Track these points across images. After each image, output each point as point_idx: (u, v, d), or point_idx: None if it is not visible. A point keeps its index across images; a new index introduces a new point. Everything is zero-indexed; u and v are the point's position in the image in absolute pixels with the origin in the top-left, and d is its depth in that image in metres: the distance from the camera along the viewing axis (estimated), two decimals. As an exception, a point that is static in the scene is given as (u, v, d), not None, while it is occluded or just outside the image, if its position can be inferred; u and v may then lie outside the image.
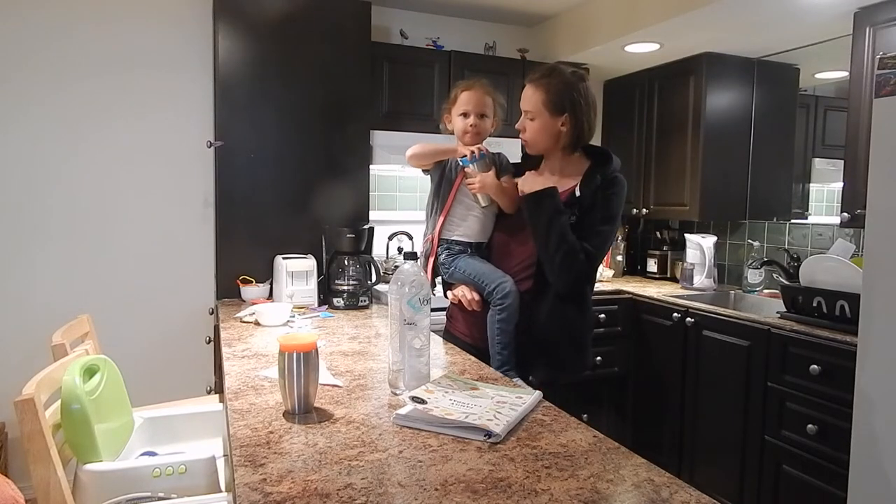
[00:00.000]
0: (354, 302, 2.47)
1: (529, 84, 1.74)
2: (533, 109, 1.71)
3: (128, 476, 1.37)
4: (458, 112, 1.86)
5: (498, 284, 1.72)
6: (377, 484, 0.92)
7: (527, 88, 1.74)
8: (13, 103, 2.58)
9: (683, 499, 0.89)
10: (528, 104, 1.73)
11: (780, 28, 2.73)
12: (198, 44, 2.82)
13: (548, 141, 1.73)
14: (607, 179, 1.69)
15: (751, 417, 2.45)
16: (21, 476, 2.39)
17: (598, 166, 1.72)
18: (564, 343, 1.72)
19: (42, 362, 1.54)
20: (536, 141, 1.75)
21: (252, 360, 1.66)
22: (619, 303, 3.10)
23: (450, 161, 1.86)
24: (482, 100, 1.84)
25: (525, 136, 1.76)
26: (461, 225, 1.85)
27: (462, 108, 1.85)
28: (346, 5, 2.74)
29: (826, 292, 2.24)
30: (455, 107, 1.87)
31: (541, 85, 1.71)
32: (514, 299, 1.71)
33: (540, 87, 1.70)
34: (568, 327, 1.72)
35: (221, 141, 2.59)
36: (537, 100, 1.70)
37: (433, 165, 1.89)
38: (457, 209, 1.85)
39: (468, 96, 1.84)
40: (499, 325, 1.71)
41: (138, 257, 2.81)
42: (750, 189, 3.24)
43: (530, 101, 1.72)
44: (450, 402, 1.23)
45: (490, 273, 1.76)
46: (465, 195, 1.84)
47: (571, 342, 1.74)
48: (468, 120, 1.84)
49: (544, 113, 1.70)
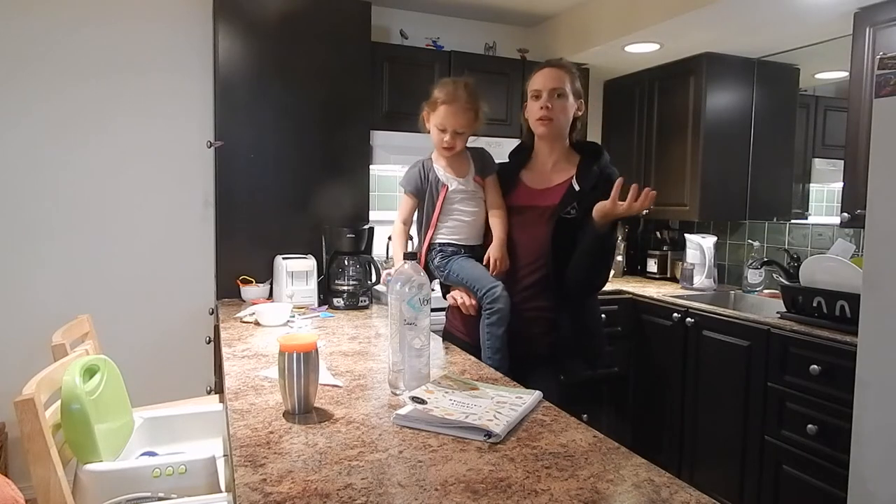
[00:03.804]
0: (354, 302, 2.47)
1: (552, 67, 1.72)
2: (563, 86, 1.70)
3: (128, 476, 1.37)
4: (435, 122, 1.76)
5: (488, 289, 1.71)
6: (377, 484, 0.92)
7: (550, 70, 1.71)
8: (13, 103, 2.58)
9: (683, 499, 0.89)
10: (558, 81, 1.70)
11: (780, 28, 2.73)
12: (198, 44, 2.82)
13: (566, 123, 1.73)
14: (606, 173, 1.69)
15: (751, 417, 2.45)
16: (21, 476, 2.39)
17: (590, 159, 1.72)
18: (598, 333, 1.78)
19: (42, 362, 1.54)
20: (562, 119, 1.72)
21: (252, 360, 1.66)
22: (620, 303, 3.10)
23: (429, 179, 1.81)
24: (460, 118, 1.74)
25: (551, 113, 1.70)
26: (451, 229, 1.83)
27: (439, 123, 1.75)
28: (346, 5, 2.74)
29: (826, 292, 2.23)
30: (434, 116, 1.77)
31: (564, 67, 1.71)
32: (504, 304, 1.70)
33: (563, 70, 1.71)
34: (596, 318, 1.78)
35: (221, 141, 2.59)
36: (566, 79, 1.70)
37: (413, 192, 1.84)
38: (444, 219, 1.82)
39: (446, 112, 1.73)
40: (488, 329, 1.71)
41: (138, 257, 2.81)
42: (750, 189, 3.24)
43: (560, 79, 1.70)
44: (450, 402, 1.23)
45: (481, 278, 1.75)
46: (449, 204, 1.81)
47: (597, 333, 1.79)
48: (444, 136, 1.75)
49: (570, 93, 1.71)
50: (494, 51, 3.37)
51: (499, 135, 2.77)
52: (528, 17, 3.42)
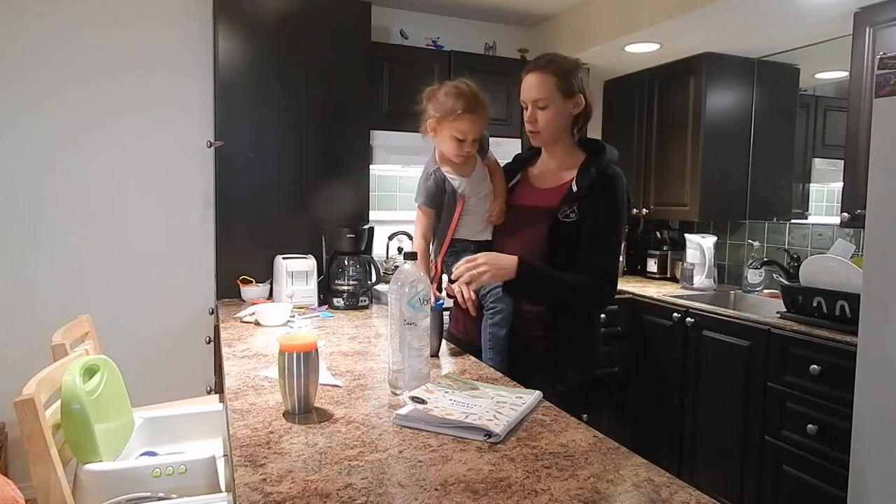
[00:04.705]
0: (354, 302, 2.47)
1: (535, 72, 1.67)
2: (546, 96, 1.65)
3: (128, 476, 1.37)
4: (454, 133, 1.69)
5: (492, 289, 1.69)
6: (377, 484, 0.92)
7: (532, 77, 1.67)
8: (14, 104, 2.58)
9: (683, 499, 0.89)
10: (539, 92, 1.65)
11: (780, 28, 2.74)
12: (198, 44, 2.82)
13: (560, 128, 1.69)
14: (603, 174, 1.64)
15: (751, 417, 2.45)
16: (21, 476, 2.39)
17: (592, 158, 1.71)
18: (594, 341, 1.75)
19: (42, 362, 1.54)
20: (550, 129, 1.68)
21: (252, 360, 1.66)
22: (619, 303, 3.10)
23: (446, 191, 1.77)
24: (482, 125, 1.71)
25: (537, 126, 1.68)
26: (464, 227, 1.80)
27: (461, 133, 1.69)
28: (346, 5, 2.74)
29: (826, 292, 2.23)
30: (451, 126, 1.69)
31: (549, 69, 1.65)
32: (507, 304, 1.68)
33: (548, 72, 1.65)
34: (593, 325, 1.75)
35: (221, 141, 2.59)
36: (550, 84, 1.64)
37: (432, 206, 1.80)
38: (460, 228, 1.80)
39: (470, 121, 1.67)
40: (490, 329, 1.69)
41: (138, 257, 2.81)
42: (750, 189, 3.24)
43: (541, 87, 1.65)
44: (450, 402, 1.23)
45: None
46: (465, 213, 1.79)
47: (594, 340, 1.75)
48: (464, 145, 1.71)
49: (558, 98, 1.65)
50: (494, 51, 3.37)
51: (499, 135, 2.78)
52: (528, 17, 3.42)
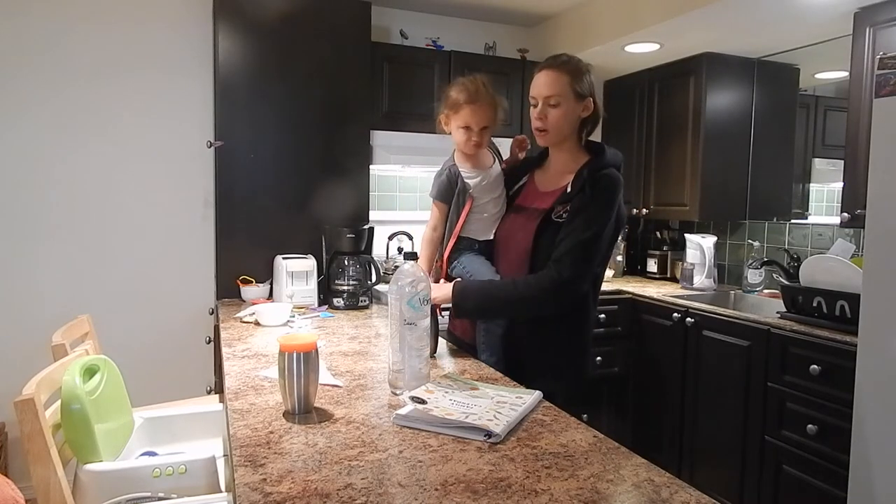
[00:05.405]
0: (354, 302, 2.47)
1: (550, 69, 1.64)
2: (559, 93, 1.61)
3: (128, 476, 1.37)
4: (459, 124, 1.75)
5: None
6: (377, 484, 0.92)
7: (546, 74, 1.64)
8: (13, 104, 2.58)
9: (683, 499, 0.89)
10: (552, 88, 1.62)
11: (780, 28, 2.74)
12: (198, 44, 2.83)
13: (568, 129, 1.66)
14: (594, 177, 1.61)
15: (751, 417, 2.45)
16: (21, 476, 2.39)
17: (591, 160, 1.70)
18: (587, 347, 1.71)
19: (42, 362, 1.54)
20: (558, 129, 1.65)
21: (252, 360, 1.66)
22: (619, 303, 3.10)
23: (458, 186, 1.78)
24: (486, 114, 1.74)
25: (545, 124, 1.65)
26: (471, 225, 1.81)
27: (464, 122, 1.74)
28: (346, 5, 2.74)
29: (826, 292, 2.23)
30: (456, 118, 1.75)
31: (564, 69, 1.62)
32: None
33: (563, 71, 1.62)
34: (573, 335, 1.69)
35: (221, 141, 2.59)
36: (564, 83, 1.61)
37: (444, 201, 1.82)
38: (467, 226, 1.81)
39: (472, 113, 1.72)
40: (485, 329, 1.69)
41: (138, 257, 2.81)
42: (750, 189, 3.24)
43: (555, 85, 1.62)
44: (450, 402, 1.23)
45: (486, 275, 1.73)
46: (474, 212, 1.80)
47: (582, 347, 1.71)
48: (471, 134, 1.75)
49: (570, 97, 1.62)
50: (494, 51, 3.37)
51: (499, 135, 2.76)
52: (528, 17, 3.42)
